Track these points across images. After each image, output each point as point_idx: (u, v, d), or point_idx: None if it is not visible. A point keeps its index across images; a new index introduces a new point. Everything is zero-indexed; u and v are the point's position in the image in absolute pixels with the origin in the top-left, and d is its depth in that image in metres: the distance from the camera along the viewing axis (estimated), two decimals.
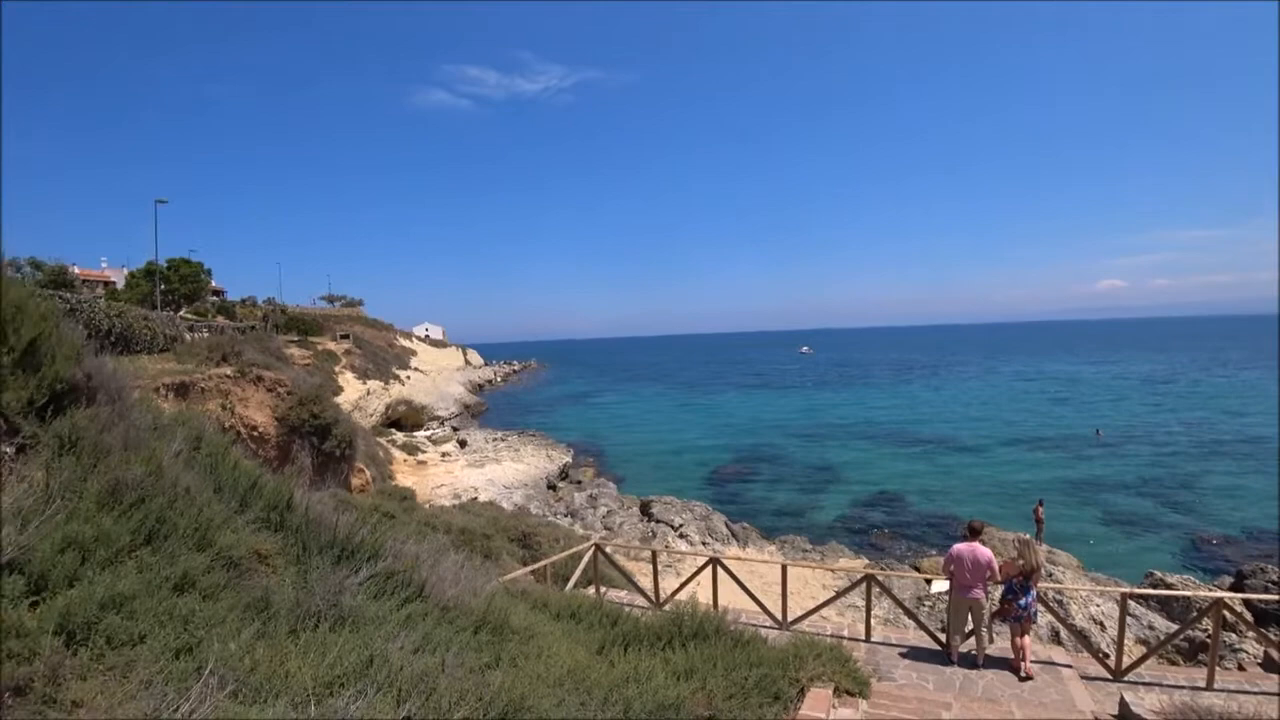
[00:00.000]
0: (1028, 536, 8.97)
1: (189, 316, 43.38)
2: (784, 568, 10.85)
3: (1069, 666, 8.62)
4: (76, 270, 44.20)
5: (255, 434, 19.08)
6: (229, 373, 19.53)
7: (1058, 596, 15.56)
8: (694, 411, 72.46)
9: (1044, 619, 14.03)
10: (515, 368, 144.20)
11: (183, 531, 4.14)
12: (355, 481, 23.95)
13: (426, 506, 22.79)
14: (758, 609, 10.77)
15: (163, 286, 46.63)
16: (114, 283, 55.41)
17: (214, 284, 62.98)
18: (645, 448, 50.47)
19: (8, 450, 3.97)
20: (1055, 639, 14.62)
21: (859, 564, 22.26)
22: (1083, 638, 11.29)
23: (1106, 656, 9.47)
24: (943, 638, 9.26)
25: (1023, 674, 8.23)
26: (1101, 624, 15.19)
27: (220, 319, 51.47)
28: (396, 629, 4.15)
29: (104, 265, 66.01)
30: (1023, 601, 8.38)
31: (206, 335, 30.61)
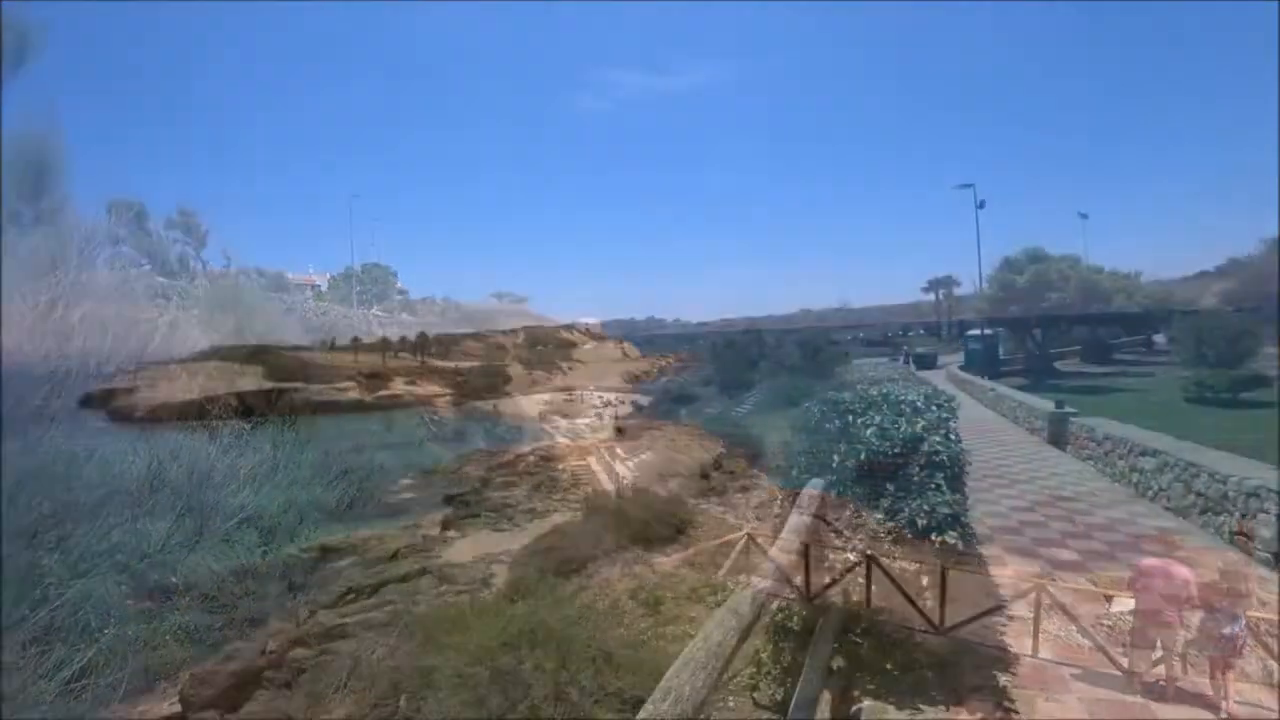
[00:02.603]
0: (1236, 555, 7.88)
1: (378, 314, 48.20)
2: (943, 569, 10.31)
3: None
4: (290, 276, 50.43)
5: (434, 417, 21.01)
6: (413, 363, 21.64)
7: (1272, 630, 13.41)
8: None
9: (1254, 656, 12.18)
10: (669, 359, 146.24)
11: (377, 500, 4.79)
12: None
13: (587, 489, 23.82)
14: (912, 610, 10.31)
15: (357, 288, 52.18)
16: (319, 285, 62.79)
17: (399, 284, 69.25)
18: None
19: (247, 427, 4.78)
20: (1269, 682, 12.63)
21: (1027, 571, 20.50)
22: None
23: None
24: (1124, 662, 8.39)
25: (1223, 714, 7.22)
26: None
27: (404, 316, 56.65)
28: None
29: (311, 271, 74.76)
30: (1227, 631, 7.37)
31: (394, 330, 34.09)
